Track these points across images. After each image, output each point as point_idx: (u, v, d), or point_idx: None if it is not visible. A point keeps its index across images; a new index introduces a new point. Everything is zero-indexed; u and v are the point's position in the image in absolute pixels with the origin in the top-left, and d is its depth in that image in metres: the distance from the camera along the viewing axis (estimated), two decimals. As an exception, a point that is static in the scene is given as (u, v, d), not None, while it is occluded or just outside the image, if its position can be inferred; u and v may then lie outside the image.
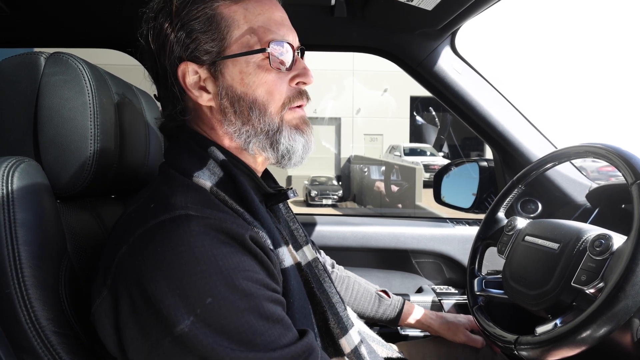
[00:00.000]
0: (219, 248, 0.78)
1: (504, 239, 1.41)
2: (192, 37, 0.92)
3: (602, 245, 1.05)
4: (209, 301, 0.74)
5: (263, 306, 0.79)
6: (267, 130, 0.96)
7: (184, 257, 0.75)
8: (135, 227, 0.81)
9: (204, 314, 0.74)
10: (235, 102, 0.95)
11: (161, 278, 0.75)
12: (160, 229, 0.79)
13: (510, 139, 1.86)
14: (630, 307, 0.92)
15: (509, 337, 1.17)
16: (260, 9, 0.95)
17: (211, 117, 0.98)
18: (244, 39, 0.94)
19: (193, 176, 0.91)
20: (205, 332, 0.73)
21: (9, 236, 0.85)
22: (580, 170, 1.84)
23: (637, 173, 1.04)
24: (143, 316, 0.76)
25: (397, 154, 20.55)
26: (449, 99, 1.90)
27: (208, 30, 0.92)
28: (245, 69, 0.94)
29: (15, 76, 0.98)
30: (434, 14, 1.56)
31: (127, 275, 0.78)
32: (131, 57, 1.99)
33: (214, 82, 0.95)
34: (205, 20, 0.92)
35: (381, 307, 1.59)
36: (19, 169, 0.90)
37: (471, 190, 2.10)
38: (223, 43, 0.93)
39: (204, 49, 0.93)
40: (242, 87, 0.94)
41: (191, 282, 0.74)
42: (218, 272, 0.76)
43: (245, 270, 0.79)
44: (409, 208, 11.20)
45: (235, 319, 0.75)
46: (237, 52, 0.93)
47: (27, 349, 0.85)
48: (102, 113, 1.04)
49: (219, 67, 0.94)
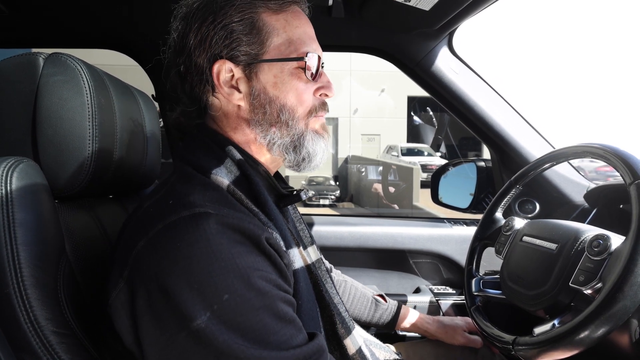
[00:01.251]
0: (236, 247, 0.79)
1: (502, 239, 1.42)
2: (233, 37, 0.96)
3: (600, 246, 1.05)
4: (225, 298, 0.75)
5: (277, 306, 0.80)
6: (293, 133, 1.00)
7: (203, 253, 0.76)
8: (155, 222, 0.82)
9: (221, 310, 0.75)
10: (267, 104, 0.98)
11: (179, 273, 0.76)
12: (180, 224, 0.80)
13: (507, 139, 1.86)
14: (628, 307, 0.92)
15: (506, 337, 1.17)
16: (297, 23, 1.01)
17: (237, 116, 1.01)
18: (282, 47, 0.98)
19: (211, 173, 0.93)
20: (220, 329, 0.74)
21: (7, 236, 0.84)
22: (578, 171, 1.84)
23: (635, 173, 1.04)
24: (159, 310, 0.77)
25: (395, 154, 20.55)
26: (447, 99, 1.90)
27: (250, 33, 0.96)
28: (280, 74, 0.98)
29: (13, 76, 0.98)
30: (431, 14, 1.56)
31: (145, 268, 0.79)
32: (129, 57, 2.00)
33: (247, 83, 0.99)
34: (248, 24, 0.96)
35: (377, 312, 1.59)
36: (17, 169, 0.90)
37: (469, 191, 2.11)
38: (262, 47, 0.97)
39: (243, 50, 0.97)
40: (275, 90, 0.98)
41: (209, 278, 0.75)
42: (235, 269, 0.77)
43: (260, 269, 0.80)
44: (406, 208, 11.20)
45: (250, 317, 0.76)
46: (275, 57, 0.98)
47: (26, 349, 0.85)
48: (100, 113, 1.04)
49: (255, 69, 0.98)
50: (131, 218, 0.93)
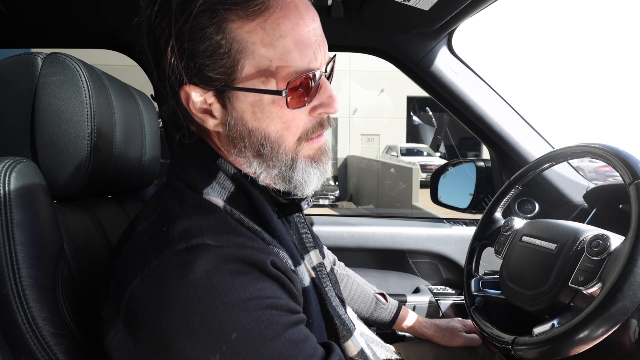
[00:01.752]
0: (239, 277, 0.73)
1: (501, 239, 1.42)
2: (195, 61, 0.79)
3: (600, 246, 1.05)
4: (234, 336, 0.69)
5: (290, 332, 0.75)
6: (279, 165, 0.86)
7: (203, 291, 0.70)
8: (149, 257, 0.75)
9: (231, 351, 0.69)
10: (246, 136, 0.84)
11: (179, 315, 0.70)
12: (177, 260, 0.73)
13: (507, 139, 1.86)
14: (627, 307, 0.92)
15: (506, 337, 1.17)
16: (283, 28, 0.79)
17: (218, 141, 0.90)
18: (259, 70, 0.80)
19: (203, 193, 0.84)
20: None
21: (5, 237, 0.84)
22: (578, 171, 1.84)
23: (635, 173, 1.04)
24: (162, 352, 0.71)
25: (394, 154, 20.55)
26: (446, 99, 1.90)
27: (214, 54, 0.78)
28: (259, 103, 0.82)
29: (12, 76, 0.98)
30: (431, 14, 1.56)
31: (143, 310, 0.73)
32: (128, 57, 1.99)
33: (222, 109, 0.84)
34: (211, 42, 0.77)
35: (377, 310, 1.59)
36: (16, 170, 0.89)
37: (468, 191, 2.11)
38: (232, 71, 0.79)
39: (208, 76, 0.80)
40: (254, 121, 0.83)
41: (213, 318, 0.69)
42: (240, 304, 0.71)
43: (267, 297, 0.74)
44: (405, 208, 11.20)
45: (264, 351, 0.71)
46: (249, 87, 0.80)
47: (23, 350, 0.84)
48: (99, 113, 1.04)
49: (228, 95, 0.82)
50: (125, 243, 0.86)
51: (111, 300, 0.79)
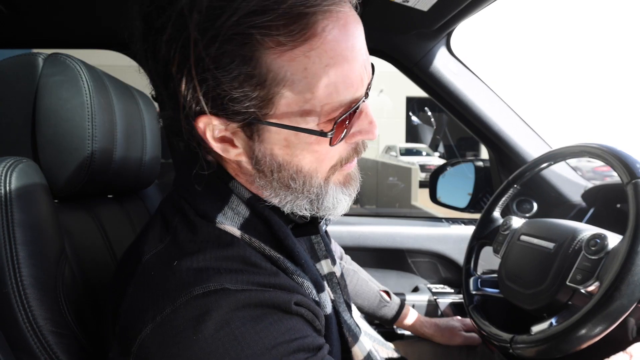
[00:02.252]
0: (262, 322, 0.66)
1: (500, 239, 1.42)
2: (219, 91, 0.65)
3: (598, 245, 1.06)
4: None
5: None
6: (309, 194, 0.78)
7: (225, 345, 0.63)
8: (162, 302, 0.67)
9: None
10: (275, 170, 0.74)
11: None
12: (193, 307, 0.65)
13: (505, 138, 1.86)
14: (625, 306, 0.93)
15: (504, 336, 1.17)
16: (331, 55, 0.65)
17: (238, 170, 0.80)
18: (298, 104, 0.67)
19: (216, 222, 0.75)
20: None
21: (6, 236, 0.85)
22: (576, 170, 1.85)
23: (632, 173, 1.04)
24: None
25: (393, 154, 20.52)
26: (445, 100, 1.91)
27: (244, 83, 0.65)
28: (294, 138, 0.71)
29: (13, 77, 0.98)
30: (429, 15, 1.57)
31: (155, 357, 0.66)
32: (129, 57, 2.00)
33: (247, 141, 0.73)
34: (241, 71, 0.64)
35: (380, 308, 1.59)
36: (17, 169, 0.90)
37: (467, 190, 2.11)
38: (266, 105, 0.67)
39: (235, 108, 0.67)
40: (286, 155, 0.73)
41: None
42: (266, 352, 0.64)
43: (293, 339, 0.68)
44: (404, 208, 11.18)
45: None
46: (285, 124, 0.69)
47: (24, 349, 0.85)
48: (100, 114, 1.04)
49: (256, 129, 0.71)
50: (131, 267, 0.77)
51: (117, 345, 0.73)
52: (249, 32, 0.61)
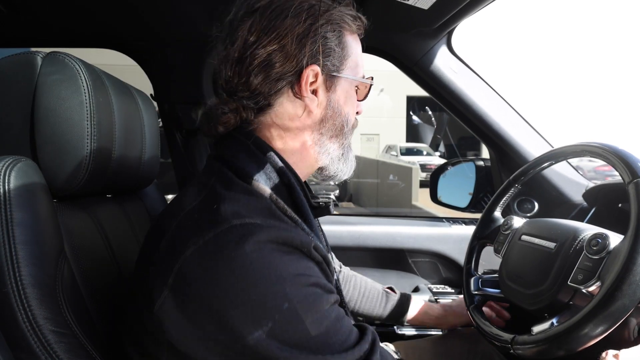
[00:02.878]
0: (288, 255, 0.80)
1: (501, 238, 1.42)
2: (327, 46, 0.96)
3: (599, 245, 1.05)
4: (286, 306, 0.75)
5: (332, 308, 0.82)
6: (345, 145, 1.05)
7: (258, 264, 0.76)
8: (205, 229, 0.79)
9: (283, 319, 0.75)
10: (337, 115, 1.01)
11: (234, 285, 0.75)
12: (232, 233, 0.78)
13: (506, 138, 1.86)
14: (627, 306, 0.92)
15: (505, 336, 1.17)
16: (359, 47, 1.06)
17: (304, 120, 0.99)
18: (353, 66, 1.02)
19: (253, 180, 0.90)
20: (282, 338, 0.75)
21: (6, 235, 0.84)
22: (577, 170, 1.85)
23: (634, 172, 1.04)
24: (209, 322, 0.76)
25: (394, 153, 20.53)
26: (446, 99, 1.90)
27: (338, 46, 0.98)
28: (349, 90, 1.03)
29: (11, 76, 0.98)
30: (430, 13, 1.56)
31: (195, 279, 0.77)
32: (128, 57, 2.00)
33: (325, 92, 0.99)
34: (338, 37, 0.98)
35: (389, 304, 1.60)
36: (15, 169, 0.89)
37: (467, 190, 2.11)
38: (342, 63, 0.99)
39: (331, 61, 0.97)
40: (344, 104, 1.02)
41: (267, 289, 0.75)
42: (290, 278, 0.77)
43: (312, 276, 0.82)
44: (405, 207, 11.20)
45: (313, 322, 0.77)
46: (350, 75, 1.01)
47: (24, 348, 0.84)
48: (99, 112, 1.04)
49: (334, 81, 0.99)
50: (172, 216, 0.89)
51: (156, 271, 0.83)
52: (343, 20, 0.99)
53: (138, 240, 1.32)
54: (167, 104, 2.04)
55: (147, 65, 1.99)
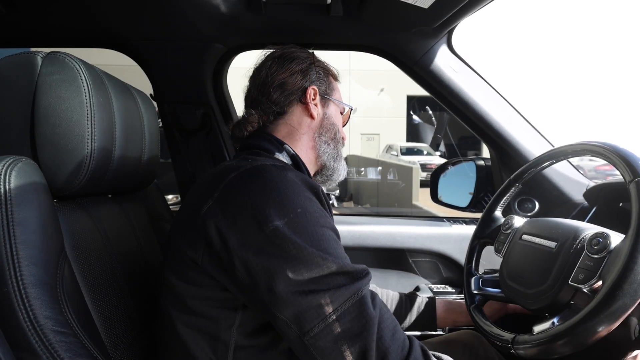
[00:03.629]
0: (309, 192, 1.02)
1: (501, 238, 1.41)
2: (321, 76, 1.36)
3: (600, 244, 1.05)
4: (299, 211, 0.95)
5: (335, 232, 1.02)
6: (337, 149, 1.38)
7: (283, 182, 0.99)
8: (243, 165, 1.04)
9: (295, 219, 0.94)
10: (331, 125, 1.36)
11: (266, 191, 0.96)
12: (265, 166, 1.03)
13: (507, 137, 1.86)
14: (628, 305, 0.92)
15: (506, 336, 1.17)
16: (338, 88, 1.45)
17: (308, 124, 1.32)
18: (337, 97, 1.42)
19: (275, 154, 1.22)
20: (294, 231, 0.93)
21: (6, 235, 0.85)
22: (578, 169, 1.84)
23: (635, 171, 1.04)
24: (246, 216, 0.95)
25: (394, 153, 20.53)
26: (446, 98, 1.90)
27: (327, 79, 1.38)
28: (336, 112, 1.40)
29: (12, 75, 0.98)
30: (430, 12, 1.56)
31: (236, 191, 0.99)
32: (128, 57, 1.99)
33: (322, 107, 1.35)
34: (326, 76, 1.38)
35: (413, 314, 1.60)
36: (16, 168, 0.90)
37: (468, 189, 2.11)
38: (331, 91, 1.39)
39: (325, 87, 1.36)
40: (335, 119, 1.38)
41: (288, 196, 0.97)
42: (306, 196, 1.00)
43: (319, 207, 1.02)
44: (405, 207, 11.19)
45: (317, 229, 0.96)
46: (338, 100, 1.41)
47: (25, 348, 0.85)
48: (99, 112, 1.04)
49: (327, 101, 1.36)
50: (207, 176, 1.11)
51: (204, 193, 1.03)
52: (327, 68, 1.40)
53: (138, 240, 1.32)
54: (166, 104, 2.04)
55: (147, 65, 1.99)
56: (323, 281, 0.91)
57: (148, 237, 1.40)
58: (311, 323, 0.90)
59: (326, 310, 0.90)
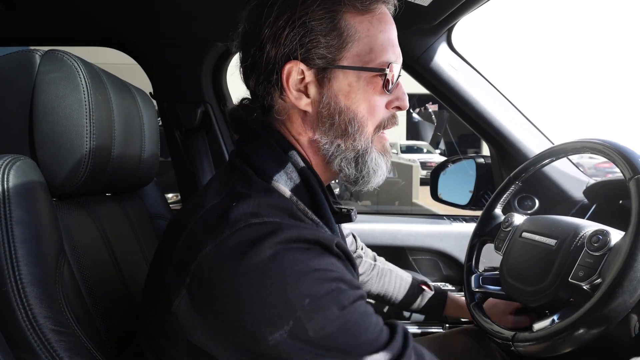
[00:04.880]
0: (309, 253, 0.76)
1: (501, 236, 1.41)
2: (311, 37, 0.87)
3: (600, 241, 1.05)
4: (307, 302, 0.70)
5: (359, 303, 0.77)
6: (357, 149, 0.93)
7: (274, 264, 0.71)
8: (223, 227, 0.76)
9: (305, 316, 0.70)
10: (336, 114, 0.90)
11: (252, 285, 0.71)
12: (250, 232, 0.74)
13: (507, 135, 1.86)
14: (627, 302, 0.92)
15: (506, 333, 1.17)
16: (382, 27, 0.91)
17: (302, 122, 0.94)
18: (362, 53, 0.89)
19: (272, 180, 0.87)
20: (307, 339, 0.71)
21: (5, 234, 0.84)
22: (578, 167, 1.84)
23: (635, 168, 1.04)
24: (229, 323, 0.73)
25: (394, 151, 20.47)
26: (446, 96, 1.90)
27: (329, 34, 0.87)
28: (355, 83, 0.90)
29: (10, 74, 0.98)
30: (430, 10, 1.56)
31: (210, 280, 0.74)
32: (127, 55, 1.99)
33: (318, 88, 0.90)
34: (329, 23, 0.87)
35: (423, 300, 1.64)
36: (14, 167, 0.89)
37: (468, 187, 2.10)
38: (340, 51, 0.88)
39: (320, 53, 0.87)
40: (347, 100, 0.90)
41: (286, 286, 0.71)
42: (310, 273, 0.73)
43: (334, 271, 0.76)
44: (405, 205, 11.18)
45: (338, 318, 0.72)
46: (353, 65, 0.89)
47: (24, 347, 0.84)
48: (98, 110, 1.04)
49: (328, 74, 0.89)
50: (193, 213, 0.84)
51: (173, 270, 0.79)
52: (339, 2, 0.86)
53: (137, 238, 1.32)
54: (166, 103, 2.04)
55: (146, 63, 1.99)
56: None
57: (147, 236, 1.39)
58: None
59: None
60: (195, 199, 0.89)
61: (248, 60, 0.92)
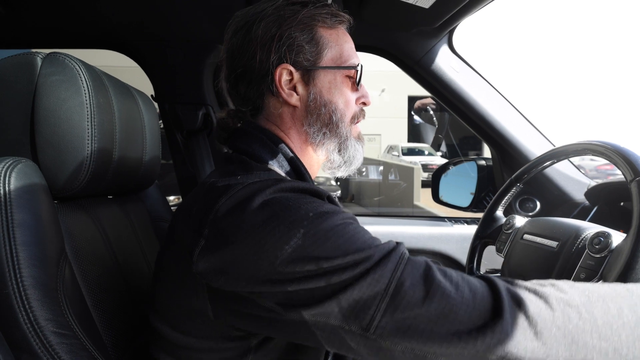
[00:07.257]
0: (306, 196, 0.87)
1: (503, 238, 1.41)
2: (296, 45, 1.05)
3: (601, 243, 1.05)
4: (311, 215, 0.81)
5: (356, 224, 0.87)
6: (340, 136, 1.10)
7: (283, 202, 0.83)
8: (233, 186, 0.87)
9: (311, 224, 0.80)
10: (322, 106, 1.08)
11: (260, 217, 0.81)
12: (260, 185, 0.86)
13: (508, 137, 1.86)
14: (629, 304, 0.92)
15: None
16: (346, 38, 1.13)
17: (291, 117, 1.09)
18: (335, 57, 1.09)
19: (268, 164, 1.02)
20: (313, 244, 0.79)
21: (6, 237, 0.84)
22: (579, 169, 1.84)
23: (637, 170, 1.04)
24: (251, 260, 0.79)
25: (395, 153, 20.51)
26: (447, 98, 1.90)
27: (309, 42, 1.06)
28: (333, 81, 1.09)
29: (11, 76, 0.98)
30: (431, 12, 1.56)
31: (227, 225, 0.83)
32: (128, 57, 1.99)
33: (304, 87, 1.08)
34: (308, 34, 1.06)
35: None
36: (16, 170, 0.89)
37: (469, 189, 2.10)
38: (319, 56, 1.07)
39: (304, 57, 1.06)
40: (329, 95, 1.08)
41: (289, 214, 0.81)
42: (309, 202, 0.84)
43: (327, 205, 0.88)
44: (407, 207, 11.19)
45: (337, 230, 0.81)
46: (331, 65, 1.08)
47: (25, 349, 0.84)
48: (99, 113, 1.04)
49: (312, 74, 1.07)
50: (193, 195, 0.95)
51: (190, 231, 0.86)
52: (314, 18, 1.06)
53: (139, 240, 1.32)
54: (167, 105, 2.04)
55: (147, 66, 1.99)
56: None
57: (149, 238, 1.39)
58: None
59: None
60: (200, 186, 0.97)
61: (239, 69, 1.07)
